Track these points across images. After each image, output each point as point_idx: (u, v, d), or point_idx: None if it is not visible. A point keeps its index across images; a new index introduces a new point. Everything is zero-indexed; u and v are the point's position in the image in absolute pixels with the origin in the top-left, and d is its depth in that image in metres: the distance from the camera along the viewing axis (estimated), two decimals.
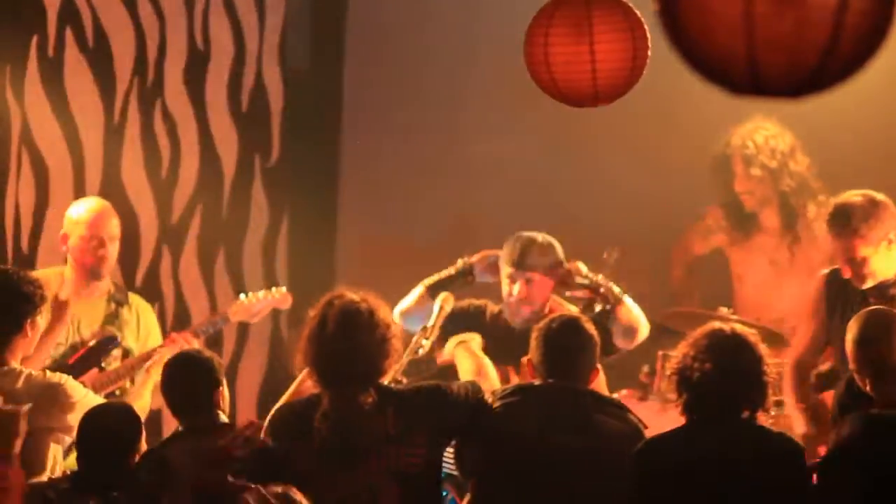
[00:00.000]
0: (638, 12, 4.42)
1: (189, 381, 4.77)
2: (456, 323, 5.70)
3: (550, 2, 4.46)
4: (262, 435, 4.70)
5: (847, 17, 2.53)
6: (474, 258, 6.00)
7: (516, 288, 5.74)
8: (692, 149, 7.24)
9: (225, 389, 4.81)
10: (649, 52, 4.40)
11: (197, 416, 4.73)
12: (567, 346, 4.84)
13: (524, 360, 4.94)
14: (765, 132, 6.84)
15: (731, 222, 7.02)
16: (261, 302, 6.20)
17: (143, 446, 4.76)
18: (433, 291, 5.92)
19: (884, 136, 7.09)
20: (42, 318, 5.03)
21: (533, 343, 4.88)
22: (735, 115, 6.95)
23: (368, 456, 4.56)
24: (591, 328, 4.90)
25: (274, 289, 6.29)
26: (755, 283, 6.98)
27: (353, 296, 4.68)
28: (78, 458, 4.79)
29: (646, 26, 4.39)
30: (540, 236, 5.84)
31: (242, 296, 6.23)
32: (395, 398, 4.62)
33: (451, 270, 5.97)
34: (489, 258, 5.93)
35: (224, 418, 4.78)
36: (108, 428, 4.71)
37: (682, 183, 7.24)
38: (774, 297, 6.92)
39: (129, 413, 4.80)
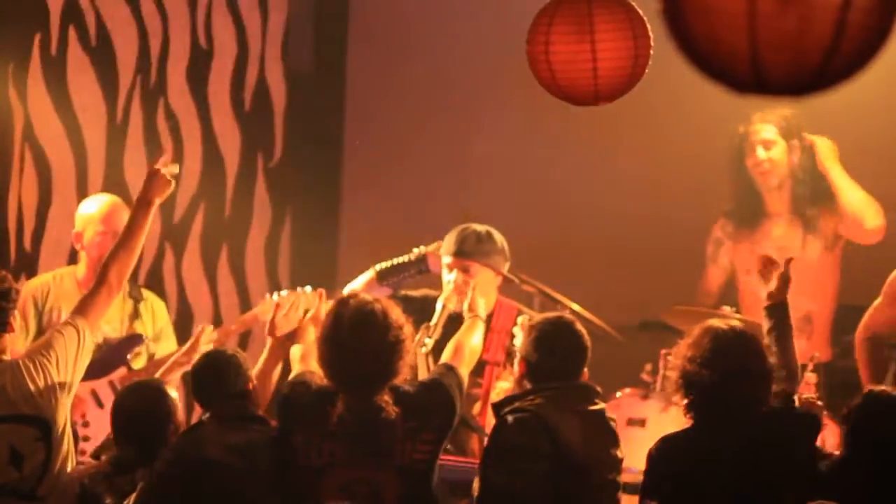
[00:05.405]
0: (640, 11, 4.41)
1: (218, 374, 4.80)
2: (406, 311, 5.70)
3: (552, 0, 4.46)
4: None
5: (850, 15, 2.53)
6: (430, 248, 5.98)
7: (453, 276, 5.73)
8: (699, 148, 7.22)
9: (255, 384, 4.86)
10: (651, 51, 4.40)
11: (226, 404, 4.75)
12: (565, 347, 4.83)
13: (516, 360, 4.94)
14: (785, 112, 6.83)
15: (735, 222, 6.98)
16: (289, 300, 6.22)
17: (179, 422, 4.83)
18: (383, 276, 5.94)
19: None
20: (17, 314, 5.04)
21: (529, 344, 4.85)
22: (745, 110, 6.92)
23: (378, 454, 4.58)
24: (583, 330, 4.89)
25: (299, 289, 6.30)
26: None
27: (365, 297, 4.72)
28: (114, 439, 4.86)
29: (648, 25, 4.39)
30: (481, 227, 5.81)
31: (268, 296, 6.22)
32: (404, 397, 4.63)
33: (405, 258, 5.96)
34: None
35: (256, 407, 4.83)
36: (136, 406, 4.78)
37: (688, 184, 7.23)
38: None
39: (158, 390, 4.86)
